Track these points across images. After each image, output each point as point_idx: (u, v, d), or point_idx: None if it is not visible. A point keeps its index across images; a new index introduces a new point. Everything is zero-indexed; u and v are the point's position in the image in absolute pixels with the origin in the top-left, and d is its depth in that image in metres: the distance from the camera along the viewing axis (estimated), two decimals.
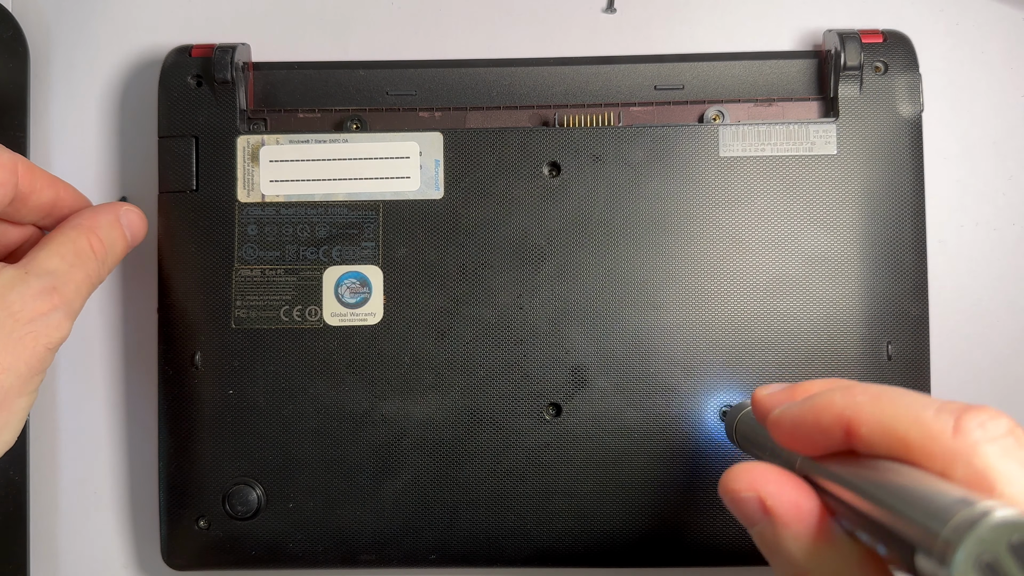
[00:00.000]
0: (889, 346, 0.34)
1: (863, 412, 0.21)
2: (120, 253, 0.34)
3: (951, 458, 0.19)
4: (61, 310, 0.31)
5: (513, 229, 0.34)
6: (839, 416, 0.21)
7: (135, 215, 0.35)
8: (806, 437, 0.23)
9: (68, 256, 0.32)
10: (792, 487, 0.22)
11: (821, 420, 0.22)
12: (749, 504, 0.22)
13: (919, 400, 0.20)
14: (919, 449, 0.19)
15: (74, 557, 0.37)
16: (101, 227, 0.33)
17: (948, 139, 0.37)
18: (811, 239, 0.34)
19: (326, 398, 0.34)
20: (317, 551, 0.34)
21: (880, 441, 0.20)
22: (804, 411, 0.23)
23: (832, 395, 0.22)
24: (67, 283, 0.31)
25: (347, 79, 0.36)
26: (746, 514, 0.23)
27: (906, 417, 0.20)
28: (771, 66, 0.36)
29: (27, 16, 0.38)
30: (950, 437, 0.19)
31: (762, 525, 0.22)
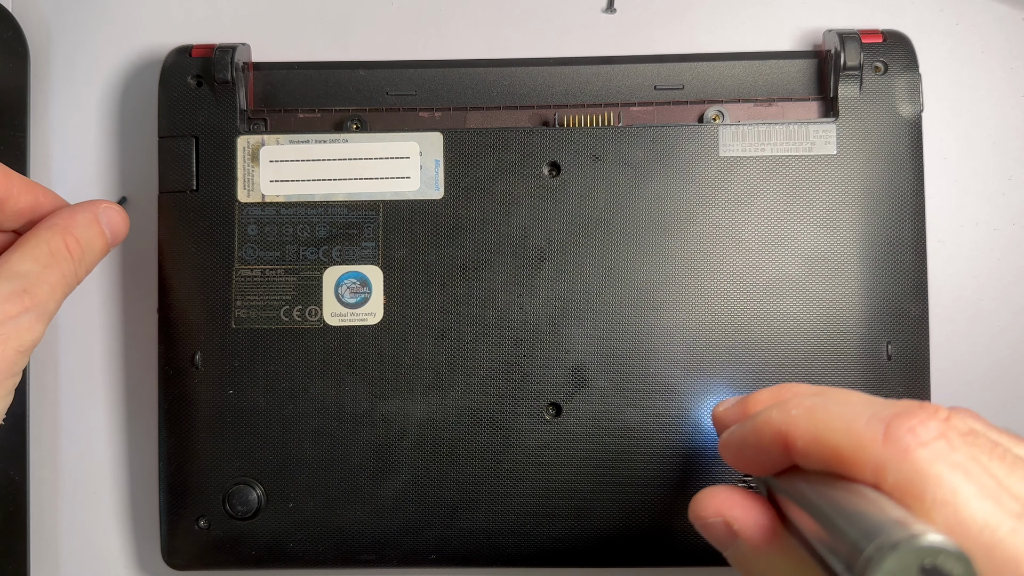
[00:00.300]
0: (889, 346, 0.34)
1: (798, 427, 0.21)
2: (99, 252, 0.33)
3: (882, 465, 0.19)
4: (32, 312, 0.30)
5: (513, 229, 0.34)
6: (777, 433, 0.21)
7: (115, 213, 0.33)
8: (752, 458, 0.23)
9: (42, 257, 0.31)
10: (756, 509, 0.22)
11: (761, 440, 0.22)
12: (718, 529, 0.23)
13: (854, 409, 0.20)
14: (851, 459, 0.20)
15: (74, 557, 0.37)
16: (78, 226, 0.32)
17: (948, 139, 0.37)
18: (811, 239, 0.34)
19: (326, 398, 0.34)
20: (317, 551, 0.34)
21: (815, 454, 0.20)
22: (746, 433, 0.23)
23: (770, 413, 0.22)
24: (39, 285, 0.30)
25: (347, 79, 0.36)
26: (716, 538, 0.23)
27: (837, 428, 0.20)
28: (771, 66, 0.36)
29: (27, 16, 0.38)
30: (880, 445, 0.19)
31: (733, 548, 0.23)
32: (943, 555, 0.17)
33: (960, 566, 0.17)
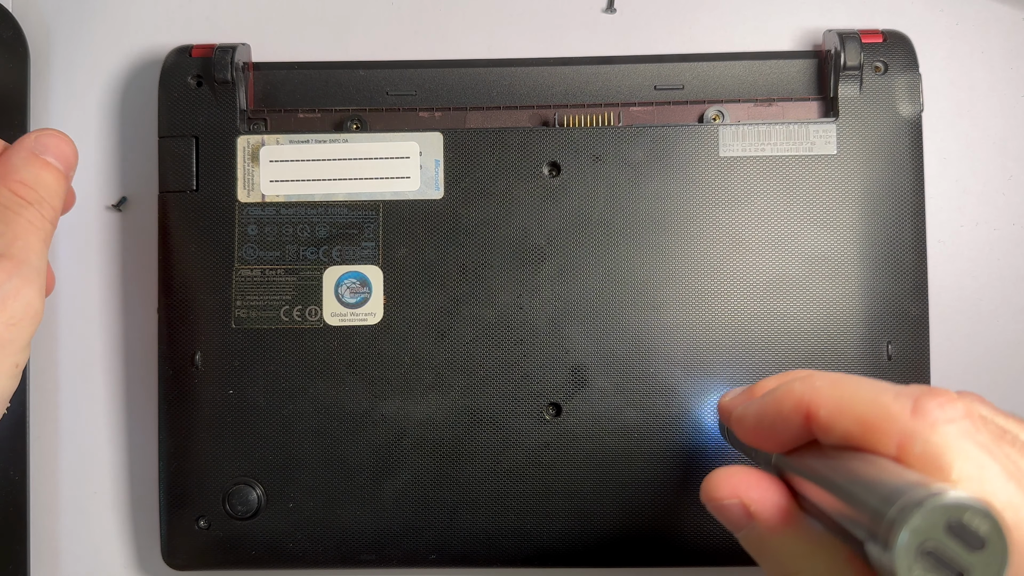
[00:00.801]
0: (889, 346, 0.34)
1: (822, 395, 0.21)
2: (55, 185, 0.30)
3: (909, 437, 0.19)
4: (17, 275, 0.27)
5: (513, 229, 0.34)
6: (799, 403, 0.21)
7: (51, 138, 0.30)
8: (770, 430, 0.23)
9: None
10: (773, 490, 0.22)
11: (782, 409, 0.22)
12: (733, 510, 0.22)
13: (877, 385, 0.20)
14: (878, 429, 0.19)
15: (74, 557, 0.37)
16: (17, 169, 0.29)
17: (948, 139, 0.37)
18: (811, 239, 0.34)
19: (326, 398, 0.34)
20: (317, 551, 0.34)
21: (839, 423, 0.20)
22: (766, 404, 0.23)
23: (791, 384, 0.22)
24: (12, 243, 0.28)
25: (347, 79, 0.36)
26: (731, 520, 0.23)
27: (864, 399, 0.20)
28: (771, 66, 0.36)
29: (27, 16, 0.38)
30: (909, 417, 0.19)
31: (747, 530, 0.22)
32: (969, 512, 0.16)
33: (987, 523, 0.17)
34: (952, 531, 0.16)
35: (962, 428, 0.19)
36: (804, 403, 0.21)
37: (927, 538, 0.16)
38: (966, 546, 0.17)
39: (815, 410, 0.21)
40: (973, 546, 0.17)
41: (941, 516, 0.16)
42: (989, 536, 0.17)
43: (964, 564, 0.16)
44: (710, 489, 0.23)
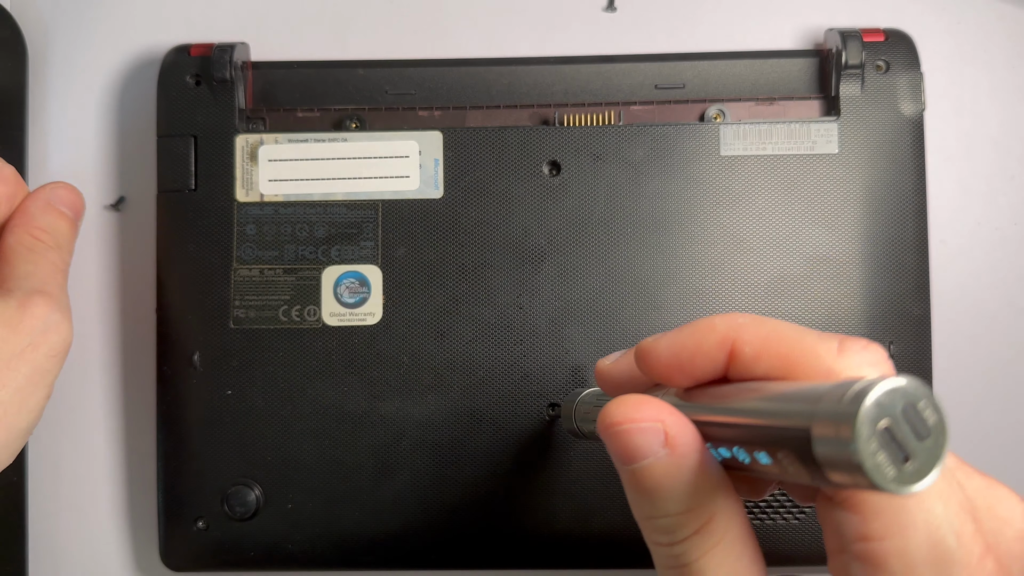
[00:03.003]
0: (891, 346, 0.34)
1: (747, 332, 0.20)
2: (67, 232, 0.33)
3: (836, 376, 0.19)
4: (56, 310, 0.30)
5: (513, 229, 0.34)
6: (723, 338, 0.21)
7: (63, 190, 0.34)
8: (687, 363, 0.21)
9: (26, 257, 0.31)
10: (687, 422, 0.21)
11: (703, 344, 0.21)
12: (648, 435, 0.20)
13: (798, 327, 0.20)
14: (803, 367, 0.19)
15: (73, 557, 0.37)
16: (36, 217, 0.32)
17: (950, 138, 0.37)
18: (812, 238, 0.34)
19: (325, 398, 0.34)
20: (316, 552, 0.34)
21: (764, 359, 0.20)
22: (683, 337, 0.22)
23: (713, 320, 0.21)
24: (45, 282, 0.31)
25: (346, 78, 0.36)
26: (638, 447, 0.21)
27: (790, 337, 0.20)
28: (772, 65, 0.35)
29: (26, 16, 0.38)
30: (834, 356, 0.19)
31: (655, 459, 0.20)
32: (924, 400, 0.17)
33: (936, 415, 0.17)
34: (906, 416, 0.17)
35: (884, 372, 0.19)
36: (729, 339, 0.21)
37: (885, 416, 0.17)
38: (915, 433, 0.17)
39: (740, 346, 0.20)
40: (920, 434, 0.17)
41: (900, 398, 0.17)
42: (936, 427, 0.17)
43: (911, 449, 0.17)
44: (626, 410, 0.21)
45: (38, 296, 0.30)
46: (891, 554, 0.18)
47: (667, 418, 0.21)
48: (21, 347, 0.29)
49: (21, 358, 0.29)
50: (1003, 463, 0.36)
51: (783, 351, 0.20)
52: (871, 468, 0.17)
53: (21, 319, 0.29)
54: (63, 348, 0.31)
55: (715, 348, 0.21)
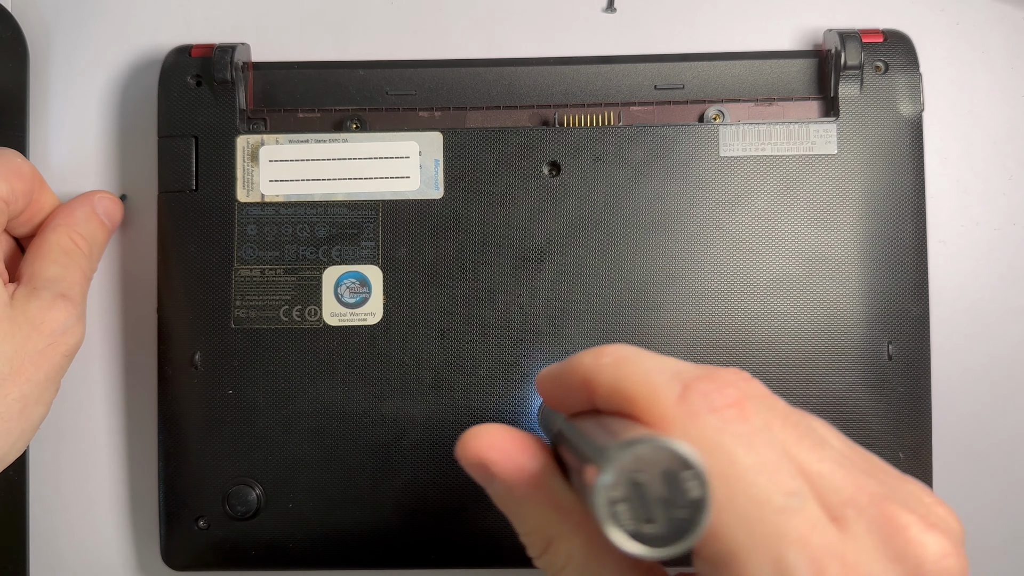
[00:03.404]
0: (890, 346, 0.34)
1: (603, 374, 0.21)
2: (103, 242, 0.35)
3: (670, 423, 0.19)
4: (75, 315, 0.32)
5: (513, 229, 0.34)
6: (584, 378, 0.22)
7: (109, 201, 0.35)
8: (561, 396, 0.23)
9: (60, 259, 0.33)
10: (523, 452, 0.22)
11: (571, 380, 0.22)
12: (479, 469, 0.23)
13: (660, 364, 0.21)
14: (644, 411, 0.20)
15: (74, 557, 0.37)
16: (79, 222, 0.34)
17: (949, 139, 0.37)
18: (811, 239, 0.34)
19: (326, 398, 0.34)
20: (317, 551, 0.34)
21: (615, 400, 0.20)
22: (560, 370, 0.23)
23: (583, 357, 0.22)
24: (71, 287, 0.32)
25: (347, 79, 0.36)
26: (479, 477, 0.23)
27: (638, 380, 0.20)
28: (771, 66, 0.36)
29: (27, 16, 0.38)
30: (673, 403, 0.19)
31: (491, 488, 0.23)
32: (687, 469, 0.16)
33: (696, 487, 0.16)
34: (665, 478, 0.16)
35: (723, 419, 0.19)
36: (588, 379, 0.21)
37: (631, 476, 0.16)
38: (669, 498, 0.16)
39: (595, 388, 0.21)
40: (676, 502, 0.16)
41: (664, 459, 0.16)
42: (694, 502, 0.16)
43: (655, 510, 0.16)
44: (459, 449, 0.23)
45: (62, 300, 0.32)
46: None
47: (487, 454, 0.22)
48: (43, 345, 0.31)
49: (43, 355, 0.31)
50: (1002, 463, 0.36)
51: (629, 394, 0.20)
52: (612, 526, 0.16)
53: (44, 320, 0.31)
54: (76, 349, 0.33)
55: (577, 387, 0.22)
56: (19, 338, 0.31)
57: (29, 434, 0.32)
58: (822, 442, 0.20)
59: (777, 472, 0.18)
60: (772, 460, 0.19)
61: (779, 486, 0.18)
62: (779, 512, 0.18)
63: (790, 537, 0.18)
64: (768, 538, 0.18)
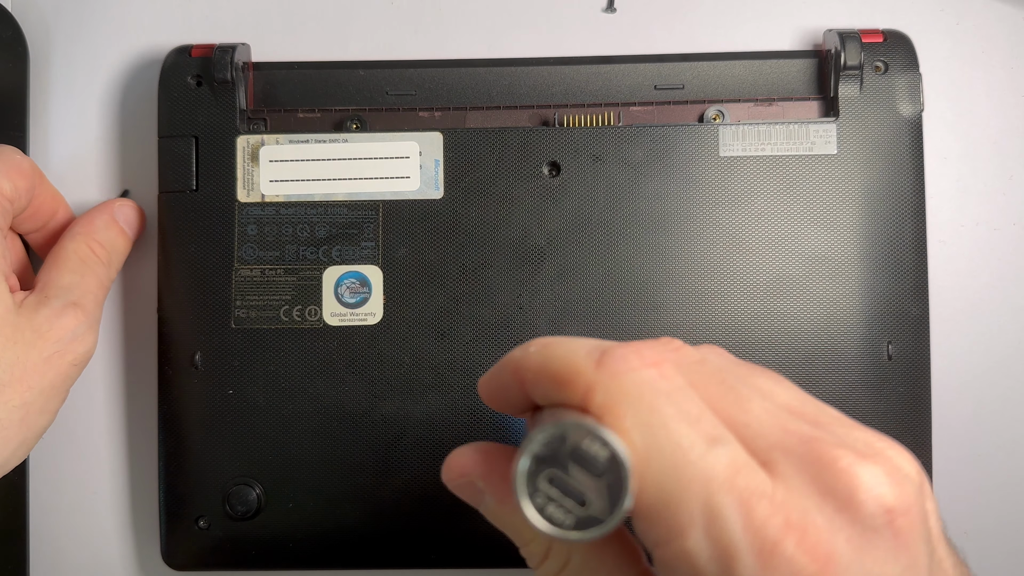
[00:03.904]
0: (889, 346, 0.34)
1: (530, 360, 0.21)
2: (123, 251, 0.35)
3: (592, 387, 0.19)
4: (85, 323, 0.32)
5: (513, 229, 0.34)
6: (515, 369, 0.22)
7: (130, 209, 0.35)
8: (499, 396, 0.23)
9: (77, 267, 0.33)
10: (502, 464, 0.23)
11: (503, 376, 0.22)
12: (466, 490, 0.23)
13: (586, 342, 0.21)
14: (567, 383, 0.20)
15: (73, 557, 0.37)
16: (98, 230, 0.34)
17: (948, 139, 0.37)
18: (811, 239, 0.34)
19: (326, 398, 0.34)
20: (317, 551, 0.34)
21: (541, 384, 0.21)
22: (494, 371, 0.23)
23: (514, 351, 0.22)
24: (85, 295, 0.32)
25: (347, 79, 0.36)
26: (468, 498, 0.24)
27: (560, 356, 0.20)
28: (771, 66, 0.36)
29: (27, 16, 0.38)
30: (593, 369, 0.19)
31: (484, 504, 0.23)
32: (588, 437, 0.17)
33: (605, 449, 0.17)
34: (575, 458, 0.16)
35: (643, 377, 0.19)
36: (517, 368, 0.22)
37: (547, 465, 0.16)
38: (588, 473, 0.16)
39: (524, 374, 0.21)
40: (594, 472, 0.16)
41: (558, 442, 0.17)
42: (608, 462, 0.17)
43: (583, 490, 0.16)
44: (444, 472, 0.24)
45: (72, 308, 0.32)
46: (675, 557, 0.18)
47: (473, 470, 0.23)
48: (48, 353, 0.31)
49: (48, 363, 0.31)
50: (1002, 463, 0.36)
51: (552, 371, 0.20)
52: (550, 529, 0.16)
53: (50, 328, 0.31)
54: (86, 358, 0.32)
55: (510, 380, 0.22)
56: (22, 345, 0.30)
57: (31, 442, 0.32)
58: (751, 395, 0.20)
59: (699, 421, 0.19)
60: (693, 410, 0.19)
61: (701, 432, 0.18)
62: (703, 457, 0.18)
63: (717, 480, 0.18)
64: (695, 482, 0.18)
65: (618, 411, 0.19)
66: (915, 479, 0.19)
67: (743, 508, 0.18)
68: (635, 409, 0.19)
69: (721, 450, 0.18)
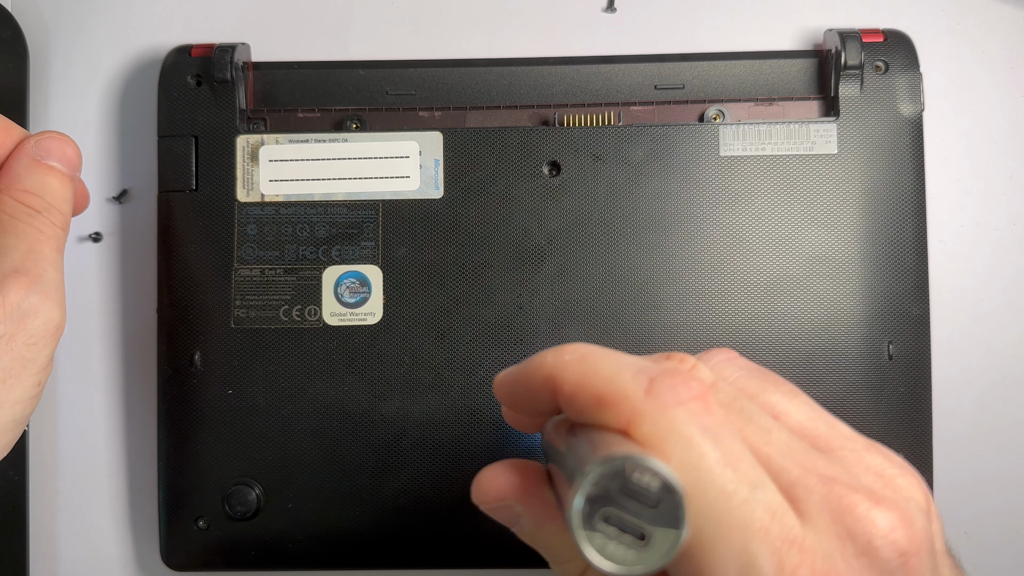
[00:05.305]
0: (890, 346, 0.34)
1: (567, 371, 0.20)
2: (61, 189, 0.29)
3: (639, 417, 0.19)
4: (35, 291, 0.26)
5: (513, 229, 0.34)
6: (547, 377, 0.21)
7: (52, 140, 0.29)
8: (523, 399, 0.22)
9: (8, 226, 0.27)
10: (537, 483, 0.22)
11: (532, 381, 0.21)
12: (503, 512, 0.22)
13: (626, 360, 0.20)
14: (611, 406, 0.19)
15: (73, 557, 0.37)
16: (20, 178, 0.28)
17: (949, 139, 0.37)
18: (811, 239, 0.34)
19: (326, 398, 0.34)
20: (316, 551, 0.34)
21: (579, 399, 0.20)
22: (519, 372, 0.22)
23: (544, 356, 0.21)
24: (27, 257, 0.27)
25: (347, 79, 0.36)
26: (503, 520, 0.23)
27: (604, 375, 0.20)
28: (771, 65, 0.36)
29: (27, 16, 0.38)
30: (641, 396, 0.19)
31: (520, 526, 0.23)
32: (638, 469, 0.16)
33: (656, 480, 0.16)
34: (629, 493, 0.16)
35: (690, 411, 0.19)
36: (551, 377, 0.21)
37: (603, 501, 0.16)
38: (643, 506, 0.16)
39: (560, 385, 0.21)
40: (648, 504, 0.16)
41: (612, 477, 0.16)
42: (661, 493, 0.16)
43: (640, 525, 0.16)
44: (477, 495, 0.23)
45: (12, 278, 0.26)
46: None
47: (511, 493, 0.22)
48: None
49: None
50: (1002, 463, 0.36)
51: (596, 390, 0.20)
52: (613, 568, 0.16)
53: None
54: (46, 332, 0.27)
55: (540, 386, 0.21)
56: None
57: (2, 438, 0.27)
58: (770, 424, 0.20)
59: (740, 463, 0.19)
60: (736, 452, 0.19)
61: (744, 477, 0.18)
62: (745, 503, 0.18)
63: (753, 528, 0.18)
64: (734, 530, 0.18)
65: (664, 448, 0.18)
66: (923, 507, 0.20)
67: (775, 557, 0.18)
68: (684, 448, 0.18)
69: (760, 495, 0.18)
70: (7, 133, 0.28)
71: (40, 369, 0.27)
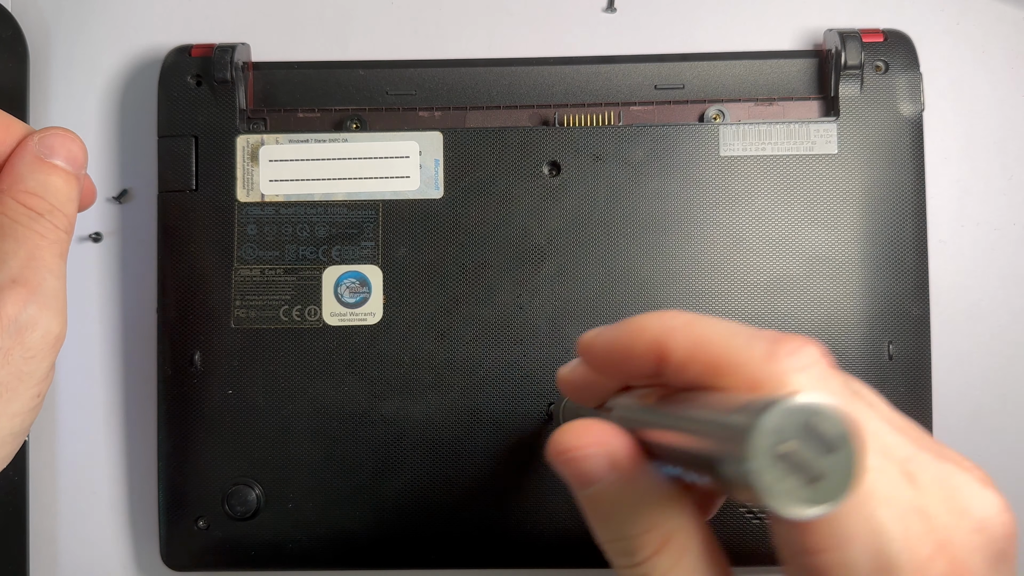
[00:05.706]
0: (890, 346, 0.34)
1: (676, 334, 0.20)
2: (66, 189, 0.27)
3: (760, 382, 0.18)
4: (33, 302, 0.25)
5: (513, 229, 0.34)
6: (653, 341, 0.20)
7: (56, 137, 0.27)
8: (621, 362, 0.21)
9: (9, 230, 0.26)
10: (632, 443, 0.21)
11: (635, 343, 0.21)
12: (594, 460, 0.21)
13: (731, 327, 0.20)
14: (730, 371, 0.19)
15: (73, 557, 0.37)
16: (23, 178, 0.26)
17: (949, 138, 0.37)
18: (811, 239, 0.34)
19: (326, 398, 0.34)
20: (316, 551, 0.34)
21: (691, 363, 0.20)
22: (618, 334, 0.21)
23: (646, 320, 0.21)
24: (26, 266, 0.26)
25: (347, 79, 0.36)
26: (589, 472, 0.21)
27: (718, 341, 0.19)
28: (772, 65, 0.36)
29: (27, 16, 0.38)
30: (761, 362, 0.19)
31: (603, 484, 0.21)
32: (820, 415, 0.16)
33: (837, 426, 0.16)
34: (805, 435, 0.16)
35: (812, 376, 0.19)
36: (658, 342, 0.20)
37: (780, 440, 0.16)
38: (818, 450, 0.16)
39: (669, 349, 0.20)
40: (827, 450, 0.16)
41: (793, 418, 0.16)
42: (839, 439, 0.16)
43: (818, 467, 0.16)
44: (572, 438, 0.21)
45: (10, 288, 0.25)
46: (832, 567, 0.18)
47: (612, 442, 0.20)
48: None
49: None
50: (1003, 463, 0.36)
51: (711, 358, 0.19)
52: (778, 497, 0.16)
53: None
54: (45, 344, 0.26)
55: (645, 351, 0.20)
56: None
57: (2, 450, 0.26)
58: (875, 400, 0.21)
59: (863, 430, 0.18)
60: (859, 419, 0.19)
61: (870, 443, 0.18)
62: (871, 470, 0.18)
63: (880, 495, 0.18)
64: (862, 495, 0.18)
65: None
66: None
67: (902, 523, 0.18)
68: None
69: (882, 463, 0.18)
70: (8, 130, 0.27)
71: (39, 381, 0.27)
